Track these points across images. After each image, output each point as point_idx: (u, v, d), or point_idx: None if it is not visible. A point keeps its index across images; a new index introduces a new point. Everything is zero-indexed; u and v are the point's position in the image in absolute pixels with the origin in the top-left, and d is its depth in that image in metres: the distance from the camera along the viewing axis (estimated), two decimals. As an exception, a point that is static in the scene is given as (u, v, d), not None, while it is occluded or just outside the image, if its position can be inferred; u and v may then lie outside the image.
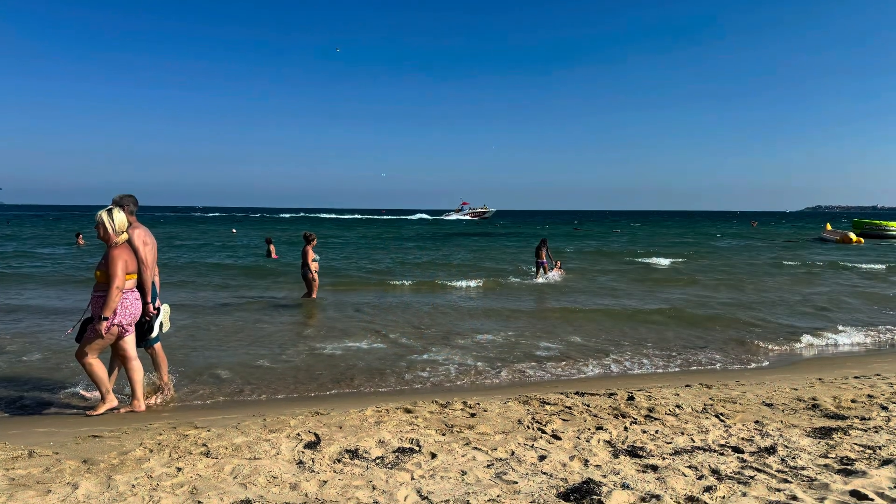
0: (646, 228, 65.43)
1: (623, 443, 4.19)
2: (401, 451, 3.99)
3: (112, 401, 5.37)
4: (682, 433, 4.41)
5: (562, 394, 5.63)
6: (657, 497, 3.18)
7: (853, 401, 5.34)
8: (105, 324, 5.06)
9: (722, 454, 3.90)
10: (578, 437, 4.31)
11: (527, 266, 20.26)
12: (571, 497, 3.20)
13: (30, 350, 7.80)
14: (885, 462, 3.68)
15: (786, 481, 3.40)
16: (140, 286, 5.42)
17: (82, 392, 5.99)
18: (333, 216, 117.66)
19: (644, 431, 4.46)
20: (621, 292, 14.69)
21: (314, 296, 12.46)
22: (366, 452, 3.94)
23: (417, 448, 4.04)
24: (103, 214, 5.17)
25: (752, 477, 3.46)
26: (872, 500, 3.10)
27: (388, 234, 49.69)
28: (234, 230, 49.05)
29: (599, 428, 4.54)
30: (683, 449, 4.03)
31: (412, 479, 3.49)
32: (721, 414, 4.93)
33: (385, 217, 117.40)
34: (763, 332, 9.77)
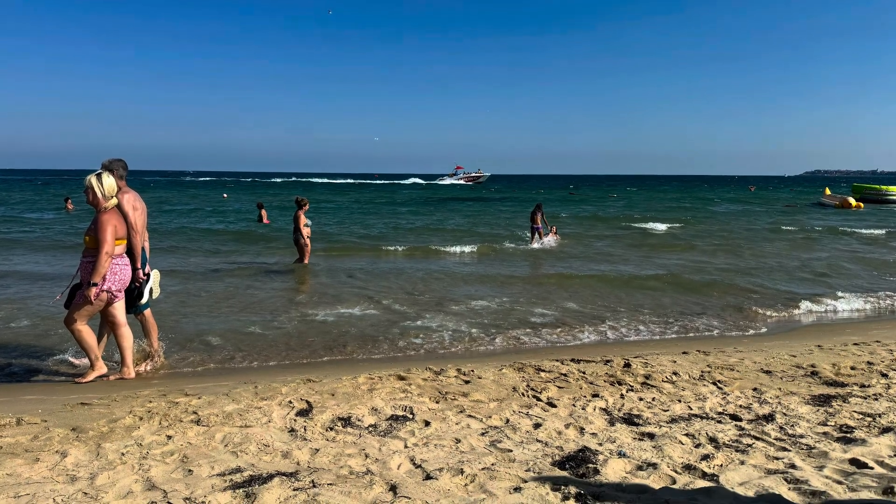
0: (642, 193, 65.27)
1: (619, 410, 4.15)
2: (394, 418, 3.94)
3: (101, 368, 5.30)
4: (680, 401, 4.37)
5: (557, 361, 5.59)
6: (654, 465, 3.14)
7: (852, 368, 5.31)
8: (94, 290, 4.97)
9: (719, 422, 3.87)
10: (574, 405, 4.26)
11: (522, 231, 20.17)
12: (567, 465, 3.15)
13: (18, 316, 7.70)
14: (885, 430, 3.64)
15: (784, 449, 3.36)
16: (129, 252, 5.33)
17: (71, 359, 5.91)
18: (326, 181, 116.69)
19: (641, 399, 4.42)
20: (617, 258, 14.64)
21: (306, 261, 12.35)
22: (358, 420, 3.89)
23: (411, 416, 3.99)
24: (92, 179, 5.07)
25: (750, 445, 3.42)
26: (872, 468, 3.07)
27: (381, 198, 49.41)
28: (225, 195, 48.64)
29: (595, 395, 4.50)
30: (680, 416, 3.99)
31: (405, 447, 3.44)
32: (719, 381, 4.90)
33: (378, 182, 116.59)
34: (761, 298, 9.73)
